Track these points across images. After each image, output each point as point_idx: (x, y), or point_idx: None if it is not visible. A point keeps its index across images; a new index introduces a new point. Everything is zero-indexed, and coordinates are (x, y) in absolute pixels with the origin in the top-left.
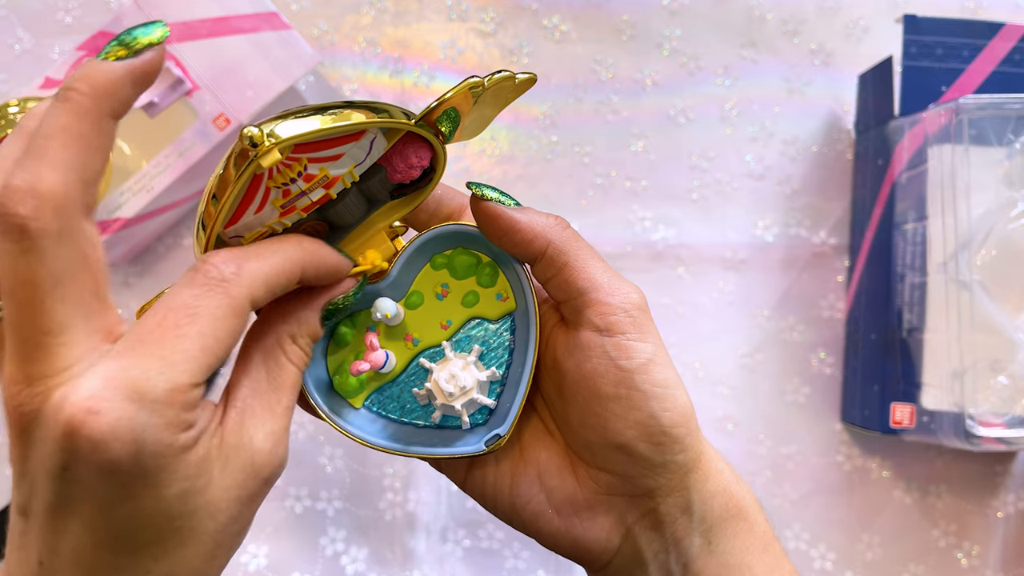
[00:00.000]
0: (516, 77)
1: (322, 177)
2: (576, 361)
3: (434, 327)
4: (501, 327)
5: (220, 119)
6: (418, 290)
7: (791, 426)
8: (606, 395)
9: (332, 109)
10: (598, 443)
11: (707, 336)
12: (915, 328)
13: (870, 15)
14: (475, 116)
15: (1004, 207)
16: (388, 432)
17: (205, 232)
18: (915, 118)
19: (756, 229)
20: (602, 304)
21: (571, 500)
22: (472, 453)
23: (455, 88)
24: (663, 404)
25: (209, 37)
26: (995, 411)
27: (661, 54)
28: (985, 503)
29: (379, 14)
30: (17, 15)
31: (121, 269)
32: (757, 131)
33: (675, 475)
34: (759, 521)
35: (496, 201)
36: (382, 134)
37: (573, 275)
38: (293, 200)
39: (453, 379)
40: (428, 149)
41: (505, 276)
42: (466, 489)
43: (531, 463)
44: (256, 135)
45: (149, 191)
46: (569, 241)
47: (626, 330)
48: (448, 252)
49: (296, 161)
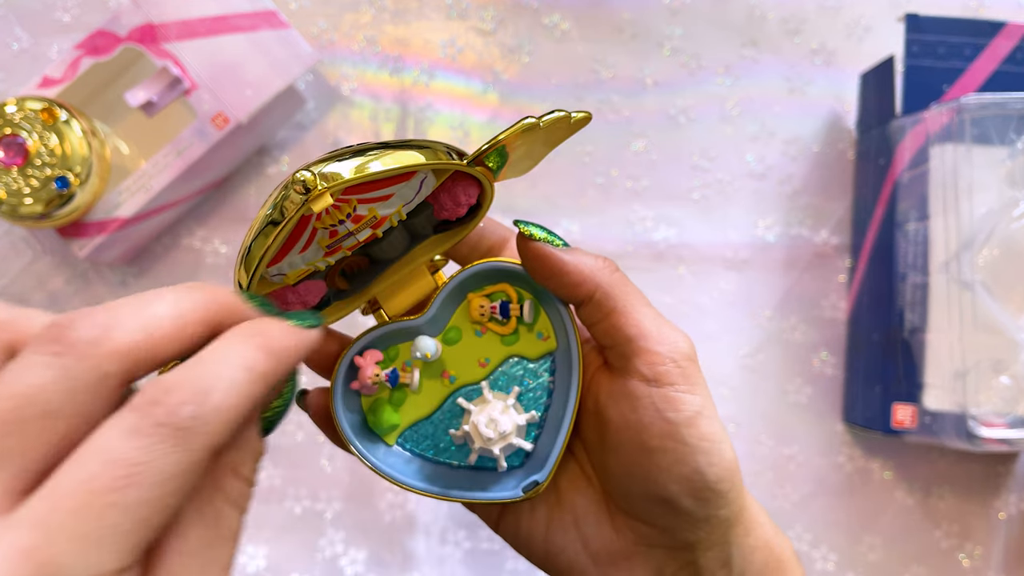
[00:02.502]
0: (572, 117)
1: (371, 218)
2: (621, 410)
3: (471, 364)
4: (540, 367)
5: (219, 118)
6: (457, 326)
7: (793, 427)
8: (651, 447)
9: (378, 149)
10: (640, 494)
11: (708, 336)
12: (917, 328)
13: (872, 14)
14: (525, 152)
15: (1006, 207)
16: (424, 473)
17: (247, 272)
18: (917, 117)
19: (757, 229)
20: (651, 353)
21: (608, 549)
22: (509, 499)
23: (510, 128)
24: (710, 459)
25: (208, 36)
26: (997, 412)
27: (662, 53)
28: (987, 504)
29: (378, 12)
30: (15, 14)
31: (119, 269)
32: (758, 130)
33: (717, 529)
34: (798, 575)
35: (544, 241)
36: (432, 173)
37: (621, 321)
38: (340, 240)
39: (493, 423)
40: (476, 186)
41: (547, 315)
42: (499, 532)
43: (567, 509)
44: (309, 179)
45: (147, 190)
46: (617, 285)
47: (675, 381)
48: (489, 289)
49: (346, 203)
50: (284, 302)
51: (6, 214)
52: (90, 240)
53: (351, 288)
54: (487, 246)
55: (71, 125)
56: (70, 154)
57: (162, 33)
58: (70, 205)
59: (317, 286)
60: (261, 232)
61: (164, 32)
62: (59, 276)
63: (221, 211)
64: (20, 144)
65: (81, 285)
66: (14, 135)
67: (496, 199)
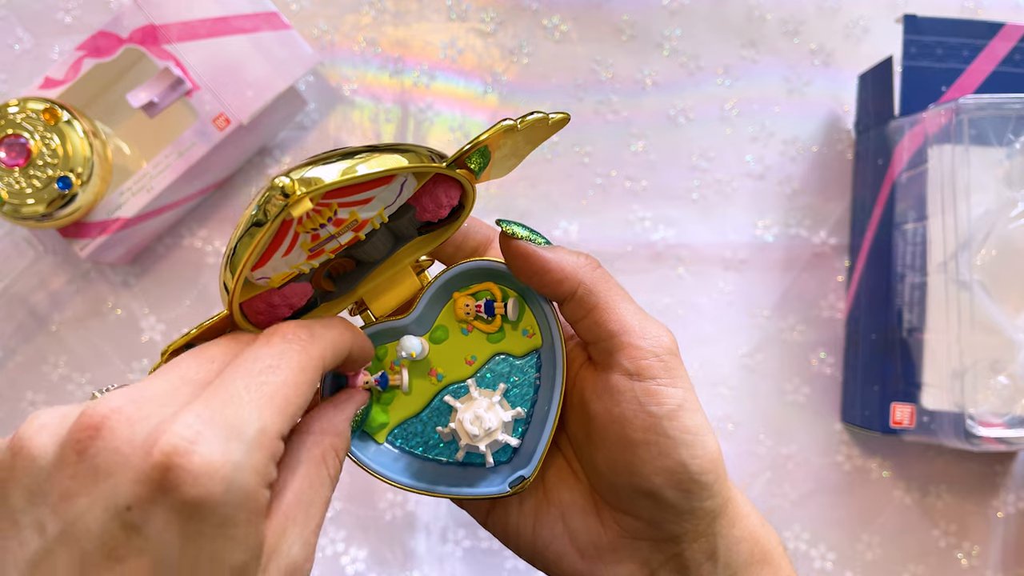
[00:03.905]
0: (550, 118)
1: (352, 221)
2: (605, 404)
3: (459, 362)
4: (526, 364)
5: (220, 119)
6: (443, 325)
7: (791, 426)
8: (635, 440)
9: (360, 153)
10: (625, 487)
11: (707, 336)
12: (915, 328)
13: (870, 15)
14: (507, 153)
15: (1004, 207)
16: (412, 470)
17: (232, 275)
18: (915, 118)
19: (756, 229)
20: (633, 348)
21: (595, 542)
22: (496, 494)
23: (489, 130)
24: (692, 451)
25: (209, 37)
26: (995, 411)
27: (661, 54)
28: (985, 503)
29: (379, 14)
30: (17, 15)
31: (121, 269)
32: (757, 131)
33: (702, 521)
34: (783, 565)
35: (526, 240)
36: (412, 175)
37: (603, 317)
38: (322, 244)
39: (478, 420)
40: (458, 188)
41: (532, 312)
42: (488, 527)
43: (555, 503)
44: (288, 185)
45: (149, 191)
46: (599, 282)
47: (657, 375)
48: (474, 288)
49: (326, 207)
50: (270, 304)
51: (8, 214)
52: (92, 240)
53: (337, 290)
54: (472, 246)
55: (73, 126)
56: (72, 155)
57: (163, 34)
58: (72, 205)
59: (303, 288)
60: (246, 233)
61: (165, 33)
62: (61, 276)
63: (222, 211)
64: (22, 145)
65: (83, 285)
66: (16, 136)
67: (496, 200)
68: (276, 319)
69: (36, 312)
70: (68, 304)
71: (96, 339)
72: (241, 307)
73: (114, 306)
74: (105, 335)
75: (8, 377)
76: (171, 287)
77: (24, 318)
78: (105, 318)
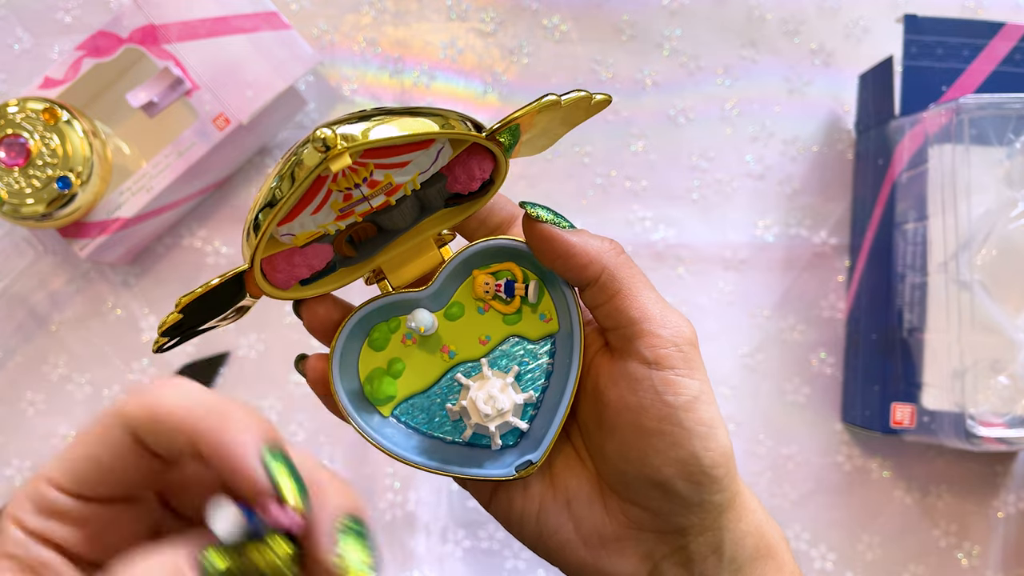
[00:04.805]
0: (593, 97)
1: (386, 184)
2: (620, 392)
3: (472, 341)
4: (540, 348)
5: (220, 119)
6: (460, 301)
7: (791, 426)
8: (649, 430)
9: (400, 115)
10: (634, 477)
11: (707, 336)
12: (915, 328)
13: (870, 15)
14: (542, 130)
15: (1004, 207)
16: (418, 446)
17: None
18: (915, 118)
19: (756, 229)
20: (653, 336)
21: (599, 532)
22: (502, 477)
23: (531, 104)
24: (706, 444)
25: (209, 37)
26: (995, 411)
27: (661, 54)
28: (986, 503)
29: (379, 14)
30: (16, 15)
31: (120, 269)
32: (757, 131)
33: (709, 515)
34: (788, 560)
35: (551, 222)
36: (448, 143)
37: (625, 303)
38: (353, 205)
39: (492, 400)
40: (491, 161)
41: (551, 297)
42: (490, 510)
43: (560, 490)
44: (330, 137)
45: (149, 191)
46: (623, 268)
47: (675, 365)
48: (495, 267)
49: (363, 166)
50: (290, 263)
51: (8, 214)
52: (91, 240)
53: (358, 256)
54: (496, 223)
55: (72, 126)
56: (71, 154)
57: (163, 34)
58: (71, 205)
59: (324, 250)
60: (279, 183)
61: (165, 33)
62: (61, 276)
63: (222, 211)
64: (22, 144)
65: (82, 285)
66: (16, 135)
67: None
68: (294, 279)
69: (36, 312)
70: (68, 304)
71: (96, 339)
72: (261, 264)
73: (114, 306)
74: (105, 335)
75: (8, 377)
76: (171, 287)
77: (24, 318)
78: (105, 318)
